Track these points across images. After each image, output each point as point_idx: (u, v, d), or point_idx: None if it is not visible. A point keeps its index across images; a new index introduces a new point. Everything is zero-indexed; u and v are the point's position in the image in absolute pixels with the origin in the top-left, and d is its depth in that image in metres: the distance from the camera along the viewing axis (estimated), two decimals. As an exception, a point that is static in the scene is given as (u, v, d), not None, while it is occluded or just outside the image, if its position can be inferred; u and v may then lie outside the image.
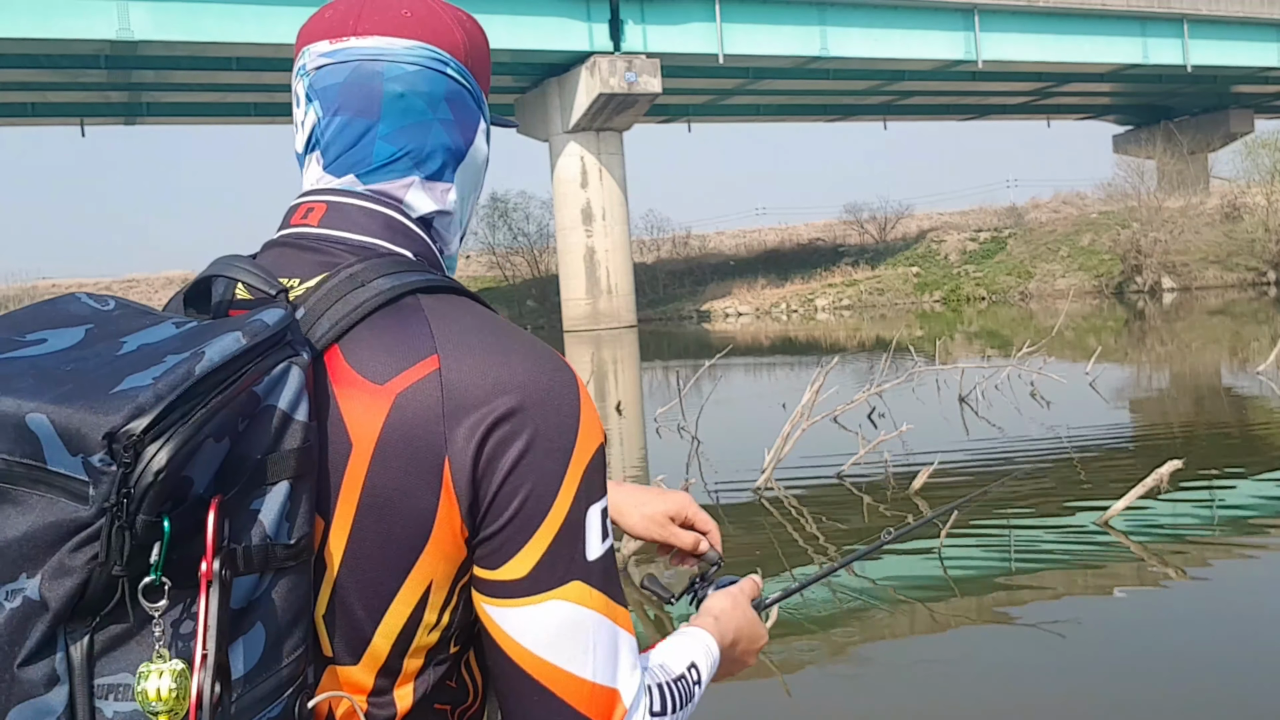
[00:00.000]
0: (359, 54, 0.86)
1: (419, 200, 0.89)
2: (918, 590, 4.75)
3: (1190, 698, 3.39)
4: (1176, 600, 4.41)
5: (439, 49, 0.87)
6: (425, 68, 0.86)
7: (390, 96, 0.85)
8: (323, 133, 0.87)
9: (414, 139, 0.87)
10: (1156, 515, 5.80)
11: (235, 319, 0.73)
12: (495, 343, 0.79)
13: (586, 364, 20.41)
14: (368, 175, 0.87)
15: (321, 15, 0.89)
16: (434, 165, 0.88)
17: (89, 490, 0.64)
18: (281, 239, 0.87)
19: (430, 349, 0.77)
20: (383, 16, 0.86)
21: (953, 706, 3.44)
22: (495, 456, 0.76)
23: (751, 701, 3.60)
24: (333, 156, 0.87)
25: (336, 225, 0.85)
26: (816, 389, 8.14)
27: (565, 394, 0.79)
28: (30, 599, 0.64)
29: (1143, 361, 15.74)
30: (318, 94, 0.87)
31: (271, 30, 26.05)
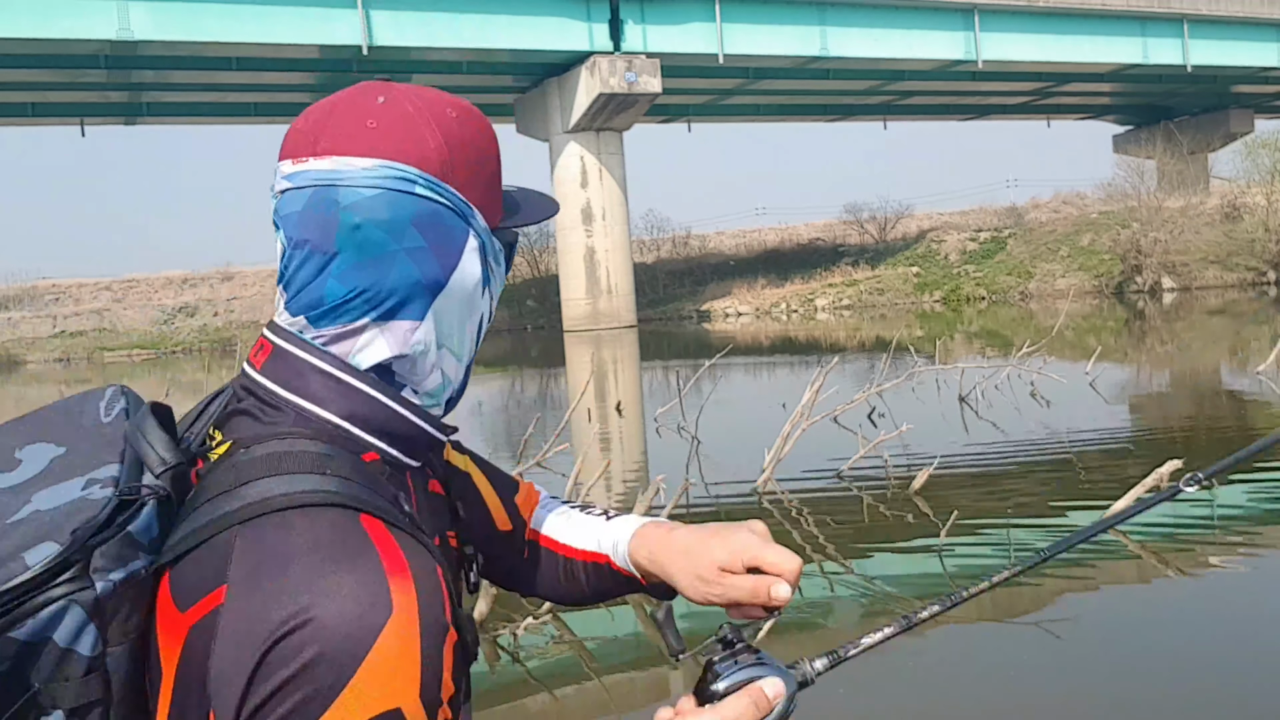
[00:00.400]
0: (315, 178, 0.77)
1: (373, 348, 0.80)
2: (918, 590, 4.76)
3: (1190, 697, 3.40)
4: (1176, 600, 4.42)
5: (404, 165, 0.78)
6: (387, 190, 0.77)
7: (346, 228, 0.76)
8: (286, 266, 0.80)
9: (371, 276, 0.77)
10: (1156, 515, 5.81)
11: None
12: (293, 581, 0.67)
13: (586, 364, 20.42)
14: (319, 320, 0.79)
15: (294, 127, 0.82)
16: (393, 302, 0.79)
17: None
18: (237, 379, 0.84)
19: (221, 580, 0.69)
20: (345, 131, 0.78)
21: (953, 706, 3.44)
22: (262, 709, 0.66)
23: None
24: (292, 293, 0.80)
25: (274, 374, 0.80)
26: (816, 389, 8.14)
27: (354, 644, 0.65)
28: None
29: (1143, 361, 15.74)
30: (282, 222, 0.80)
31: (271, 30, 26.06)
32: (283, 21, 26.13)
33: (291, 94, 34.05)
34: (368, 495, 0.73)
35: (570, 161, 31.45)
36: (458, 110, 0.83)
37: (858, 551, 5.51)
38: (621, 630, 4.53)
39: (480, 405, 15.93)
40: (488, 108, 37.47)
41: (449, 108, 0.82)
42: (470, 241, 0.82)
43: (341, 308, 0.78)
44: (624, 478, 8.48)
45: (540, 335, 34.88)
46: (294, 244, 0.78)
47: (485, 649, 4.34)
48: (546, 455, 8.11)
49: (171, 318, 41.23)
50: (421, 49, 28.54)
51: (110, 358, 37.63)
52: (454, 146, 0.80)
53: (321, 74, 31.38)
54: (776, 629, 4.08)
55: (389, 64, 30.08)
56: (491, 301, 0.88)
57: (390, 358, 0.80)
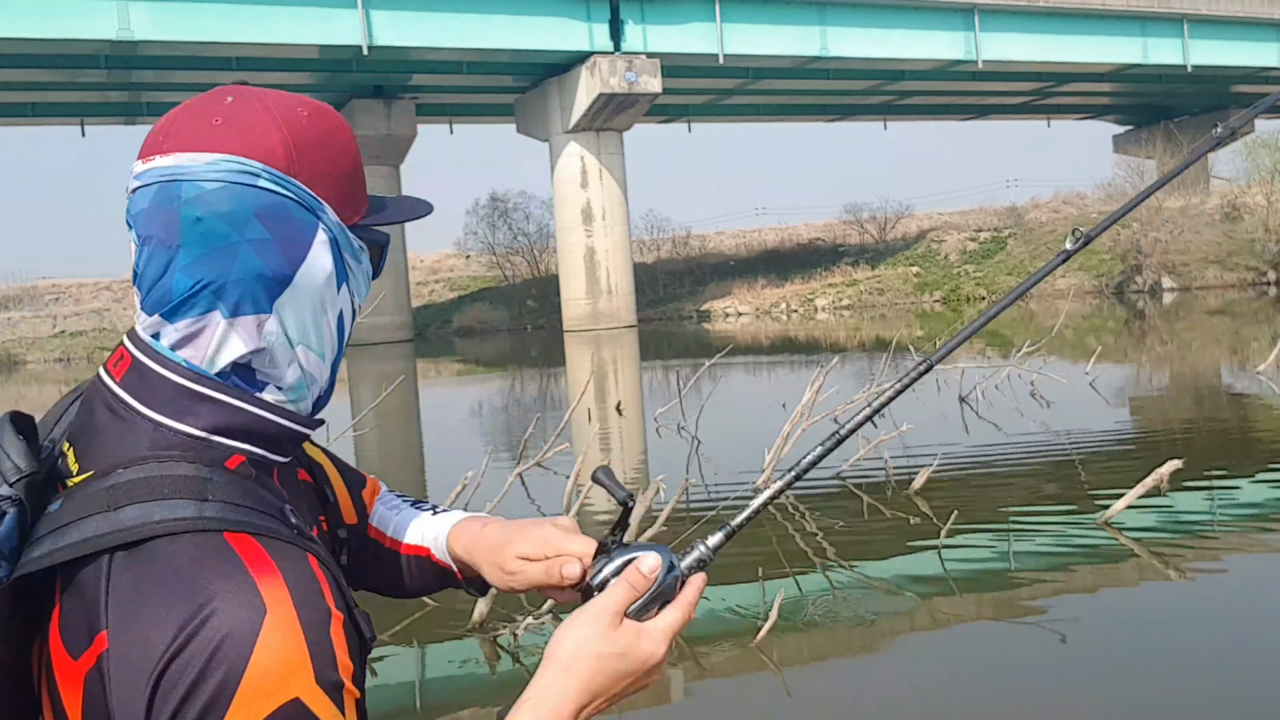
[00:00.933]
0: (160, 174, 0.78)
1: (229, 345, 0.79)
2: (918, 589, 4.76)
3: (1190, 697, 3.40)
4: (1177, 600, 4.42)
5: (247, 159, 0.78)
6: (229, 183, 0.77)
7: (188, 221, 0.77)
8: (138, 264, 0.80)
9: (215, 268, 0.77)
10: (1157, 515, 5.81)
11: None
12: (167, 608, 0.68)
13: (586, 364, 20.43)
14: (171, 314, 0.78)
15: (153, 129, 0.82)
16: (238, 294, 0.78)
17: None
18: (100, 383, 0.82)
19: (102, 624, 0.69)
20: (191, 129, 0.79)
21: (952, 706, 3.45)
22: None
23: (749, 702, 3.61)
24: (144, 291, 0.80)
25: (133, 389, 0.79)
26: (816, 389, 8.15)
27: (237, 649, 0.67)
28: None
29: (1143, 361, 15.75)
30: (132, 220, 0.80)
31: (271, 30, 26.08)
32: (283, 22, 26.15)
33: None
34: (243, 515, 0.74)
35: (570, 161, 31.46)
36: (309, 109, 0.84)
37: (857, 551, 5.52)
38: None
39: (480, 405, 15.93)
40: (488, 108, 37.52)
41: (299, 106, 0.83)
42: (320, 235, 0.81)
43: (189, 301, 0.78)
44: (624, 477, 8.49)
45: (540, 335, 34.89)
46: (142, 240, 0.79)
47: (485, 649, 4.35)
48: (546, 455, 8.12)
49: (172, 318, 41.23)
50: (421, 49, 28.56)
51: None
52: (302, 142, 0.81)
53: (322, 74, 31.39)
54: (776, 628, 4.08)
55: (389, 64, 30.11)
56: (352, 299, 0.87)
57: (247, 353, 0.80)
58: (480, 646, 4.38)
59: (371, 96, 33.15)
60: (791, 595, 4.57)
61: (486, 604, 4.51)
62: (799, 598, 4.66)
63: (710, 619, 4.56)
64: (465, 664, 4.21)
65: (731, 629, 4.34)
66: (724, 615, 4.60)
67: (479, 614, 4.51)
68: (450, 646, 4.40)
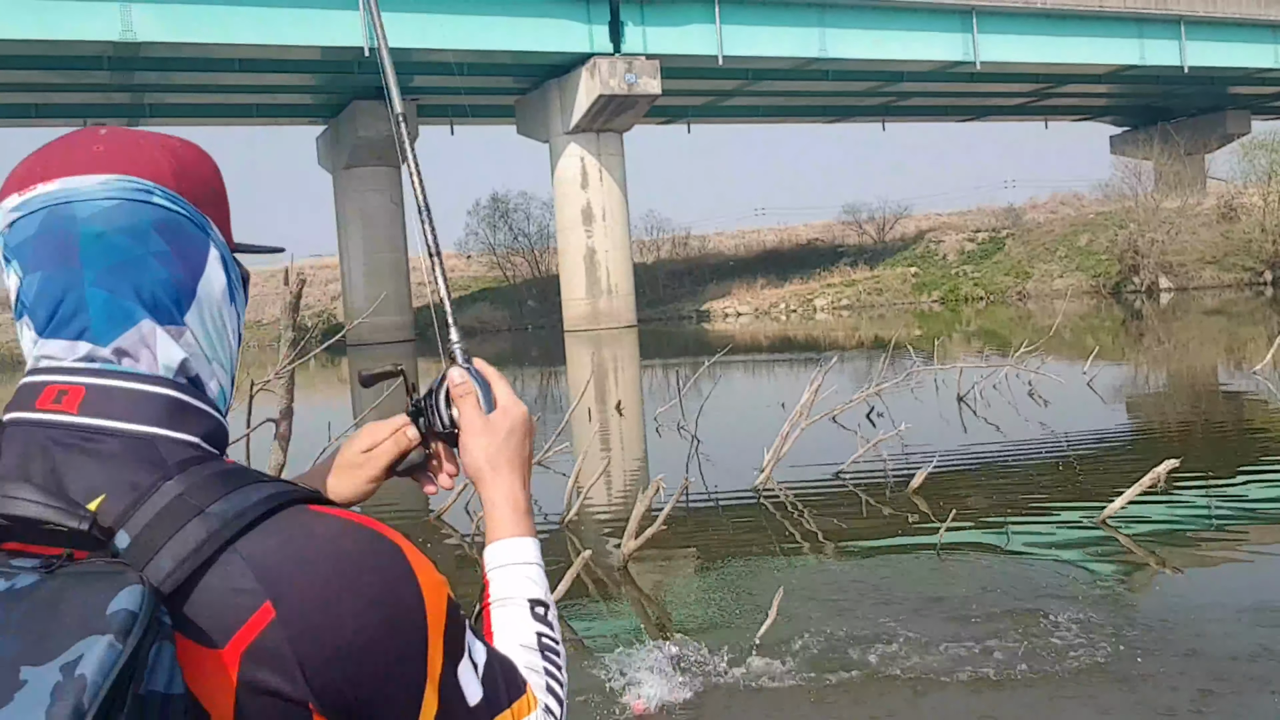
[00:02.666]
0: (46, 200, 0.75)
1: (168, 350, 0.78)
2: (917, 588, 4.82)
3: (1190, 697, 3.46)
4: (1173, 599, 4.48)
5: (138, 178, 0.77)
6: (124, 200, 0.76)
7: (88, 238, 0.75)
8: (26, 296, 0.77)
9: (125, 279, 0.76)
10: (1153, 514, 5.87)
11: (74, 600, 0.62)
12: (322, 566, 0.72)
13: (586, 364, 20.46)
14: (101, 333, 0.76)
15: (12, 174, 0.80)
16: (154, 304, 0.77)
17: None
18: (33, 427, 0.74)
19: (260, 600, 0.69)
20: (72, 157, 0.77)
21: (952, 705, 3.51)
22: (357, 678, 0.71)
23: (751, 700, 3.66)
24: (43, 319, 0.76)
25: (104, 413, 0.74)
26: (815, 389, 8.20)
27: (398, 573, 0.74)
28: None
29: (1140, 361, 15.81)
30: (14, 253, 0.77)
31: (273, 32, 26.11)
32: (285, 23, 26.19)
33: (293, 95, 34.11)
34: (294, 490, 0.77)
35: (570, 162, 31.50)
36: (178, 139, 0.85)
37: (857, 550, 5.58)
38: (622, 628, 4.59)
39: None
40: (488, 109, 37.54)
41: (170, 138, 0.84)
42: (212, 251, 0.82)
43: (115, 316, 0.76)
44: (624, 477, 8.54)
45: (541, 335, 34.91)
46: (31, 269, 0.76)
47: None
48: (547, 455, 8.17)
49: (172, 318, 41.22)
50: (423, 50, 28.58)
51: (110, 358, 37.60)
52: (184, 164, 0.81)
53: (323, 75, 31.43)
54: (775, 628, 4.14)
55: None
56: (239, 319, 0.86)
57: (185, 357, 0.79)
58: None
59: (373, 98, 33.16)
60: (791, 593, 4.63)
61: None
62: (799, 596, 4.72)
63: (710, 617, 4.63)
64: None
65: (731, 627, 4.40)
66: (724, 613, 4.66)
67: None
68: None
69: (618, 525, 6.19)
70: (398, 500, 8.05)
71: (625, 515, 5.86)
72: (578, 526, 6.59)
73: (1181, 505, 6.11)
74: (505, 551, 0.93)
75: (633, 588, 5.22)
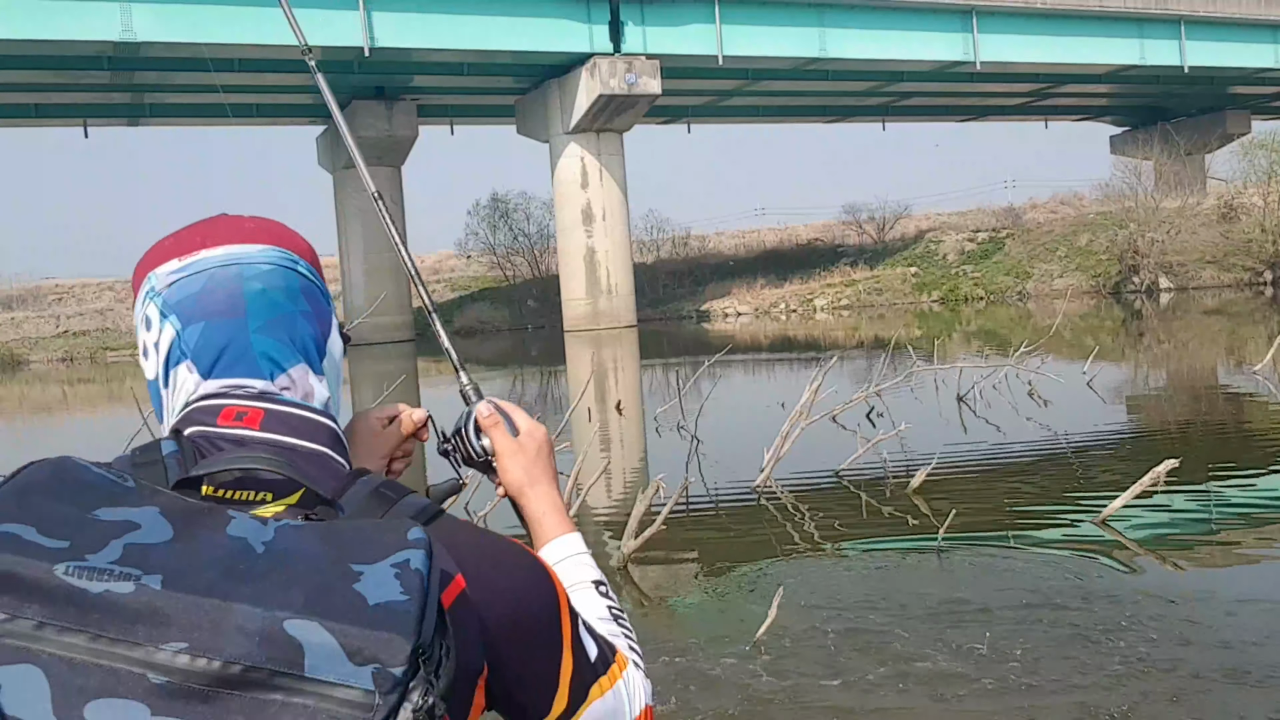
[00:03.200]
0: (212, 262, 0.89)
1: (320, 389, 0.93)
2: (916, 588, 4.82)
3: (1189, 696, 3.46)
4: (1173, 599, 4.48)
5: (287, 250, 0.93)
6: (279, 266, 0.91)
7: (252, 293, 0.89)
8: (187, 343, 0.88)
9: (285, 330, 0.90)
10: (1153, 514, 5.88)
11: (381, 530, 0.74)
12: (490, 550, 0.88)
13: (586, 364, 20.47)
14: (265, 370, 0.89)
15: (162, 245, 0.93)
16: (307, 353, 0.92)
17: (374, 699, 0.65)
18: (219, 438, 0.85)
19: (455, 569, 0.81)
20: (229, 230, 0.92)
21: (951, 705, 3.51)
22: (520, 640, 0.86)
23: (750, 699, 3.66)
24: (209, 361, 0.88)
25: (282, 431, 0.86)
26: (815, 388, 8.20)
27: (532, 560, 0.91)
28: None
29: (1140, 361, 15.81)
30: (173, 309, 0.89)
31: (273, 32, 26.10)
32: (284, 23, 26.14)
33: (293, 95, 34.09)
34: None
35: (570, 162, 31.50)
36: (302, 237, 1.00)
37: (856, 550, 5.58)
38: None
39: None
40: (489, 109, 37.56)
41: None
42: (334, 319, 0.97)
43: (277, 356, 0.90)
44: (624, 477, 8.55)
45: (541, 335, 34.92)
46: (195, 320, 0.88)
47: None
48: (548, 455, 8.16)
49: (172, 318, 41.26)
50: (423, 50, 28.60)
51: (113, 357, 37.66)
52: (310, 248, 0.97)
53: (324, 75, 31.41)
54: (778, 628, 4.15)
55: (390, 65, 30.15)
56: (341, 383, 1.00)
57: (329, 397, 0.94)
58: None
59: (373, 98, 33.19)
60: (791, 593, 4.63)
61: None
62: (799, 596, 4.72)
63: (710, 617, 4.63)
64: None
65: (731, 627, 4.40)
66: (724, 613, 4.67)
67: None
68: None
69: (618, 525, 6.20)
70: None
71: (625, 515, 5.87)
72: (577, 526, 6.58)
73: (1181, 505, 6.12)
74: (562, 547, 1.09)
75: (633, 588, 5.22)
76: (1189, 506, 6.14)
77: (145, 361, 0.93)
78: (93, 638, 0.64)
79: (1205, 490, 6.51)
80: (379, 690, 0.66)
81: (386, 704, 0.66)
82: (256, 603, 0.66)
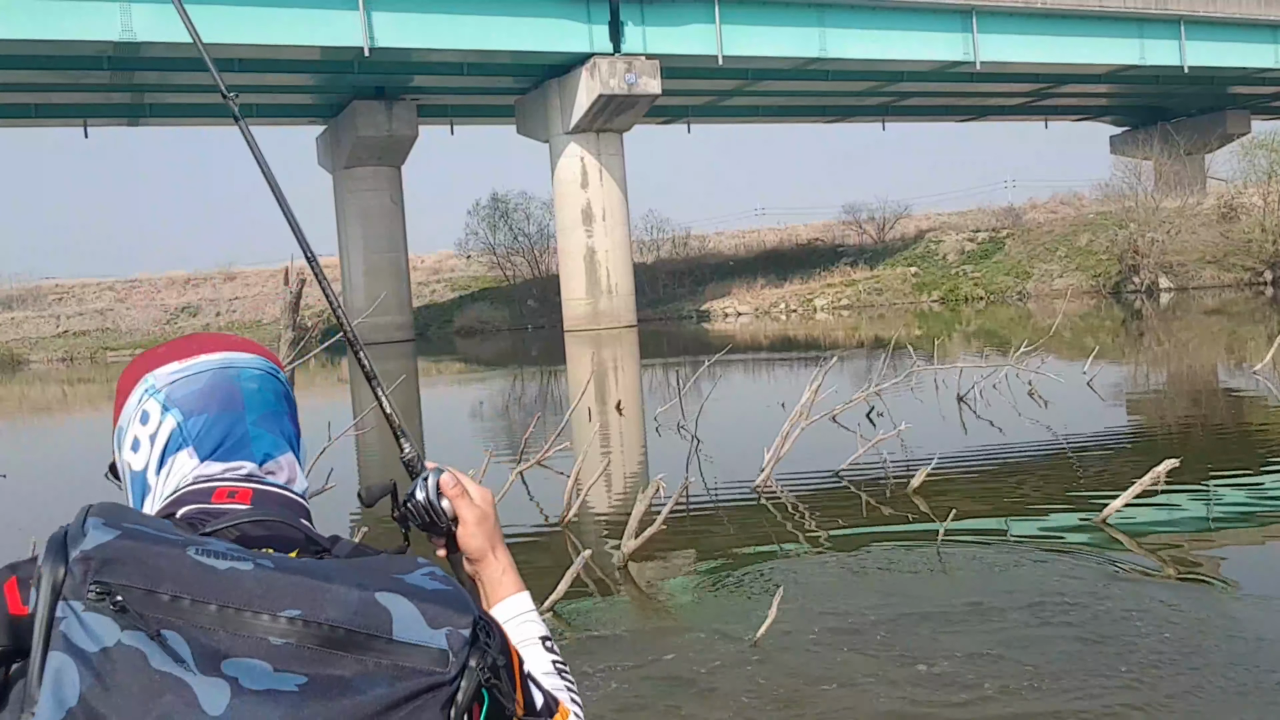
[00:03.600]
0: (213, 364, 1.04)
1: (302, 478, 1.08)
2: (916, 588, 4.82)
3: (1188, 696, 3.46)
4: (1172, 599, 4.48)
5: (270, 361, 1.09)
6: (267, 373, 1.08)
7: (249, 391, 1.05)
8: (190, 432, 1.01)
9: (275, 424, 1.06)
10: (1153, 514, 5.88)
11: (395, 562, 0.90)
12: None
13: (587, 364, 20.47)
14: (259, 457, 1.03)
15: (155, 353, 1.07)
16: (295, 446, 1.08)
17: (449, 657, 0.83)
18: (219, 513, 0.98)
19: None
20: (221, 341, 1.08)
21: (951, 705, 3.51)
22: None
23: (751, 698, 3.66)
24: (210, 448, 1.01)
25: (268, 508, 0.99)
26: (815, 388, 8.21)
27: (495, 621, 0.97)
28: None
29: (1140, 361, 15.82)
30: (176, 403, 1.02)
31: (273, 32, 26.11)
32: (285, 23, 26.18)
33: (293, 95, 34.10)
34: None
35: (571, 162, 31.50)
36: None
37: (856, 550, 5.58)
38: (622, 628, 4.59)
39: (481, 405, 15.98)
40: (489, 109, 37.54)
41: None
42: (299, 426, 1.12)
43: (269, 447, 1.04)
44: (624, 477, 8.56)
45: (541, 335, 34.92)
46: (197, 412, 1.02)
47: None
48: (547, 454, 8.18)
49: (174, 317, 41.30)
50: (423, 50, 28.59)
51: (113, 357, 37.67)
52: (280, 362, 1.13)
53: (323, 75, 31.43)
54: (777, 628, 4.15)
55: (390, 66, 30.14)
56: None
57: (307, 485, 1.08)
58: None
59: (373, 98, 33.19)
60: (791, 593, 4.63)
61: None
62: (799, 596, 4.72)
63: (710, 617, 4.63)
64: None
65: (731, 627, 4.40)
66: (724, 613, 4.67)
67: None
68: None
69: (618, 525, 6.20)
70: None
71: (625, 515, 5.87)
72: (578, 526, 6.60)
73: (1181, 505, 6.12)
74: (517, 604, 1.16)
75: (633, 587, 5.22)
76: (1189, 506, 6.14)
77: (134, 455, 1.03)
78: (220, 607, 0.79)
79: (1205, 490, 6.51)
80: (452, 649, 0.83)
81: (459, 660, 0.83)
82: (349, 583, 0.82)
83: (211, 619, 0.78)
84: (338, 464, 6.07)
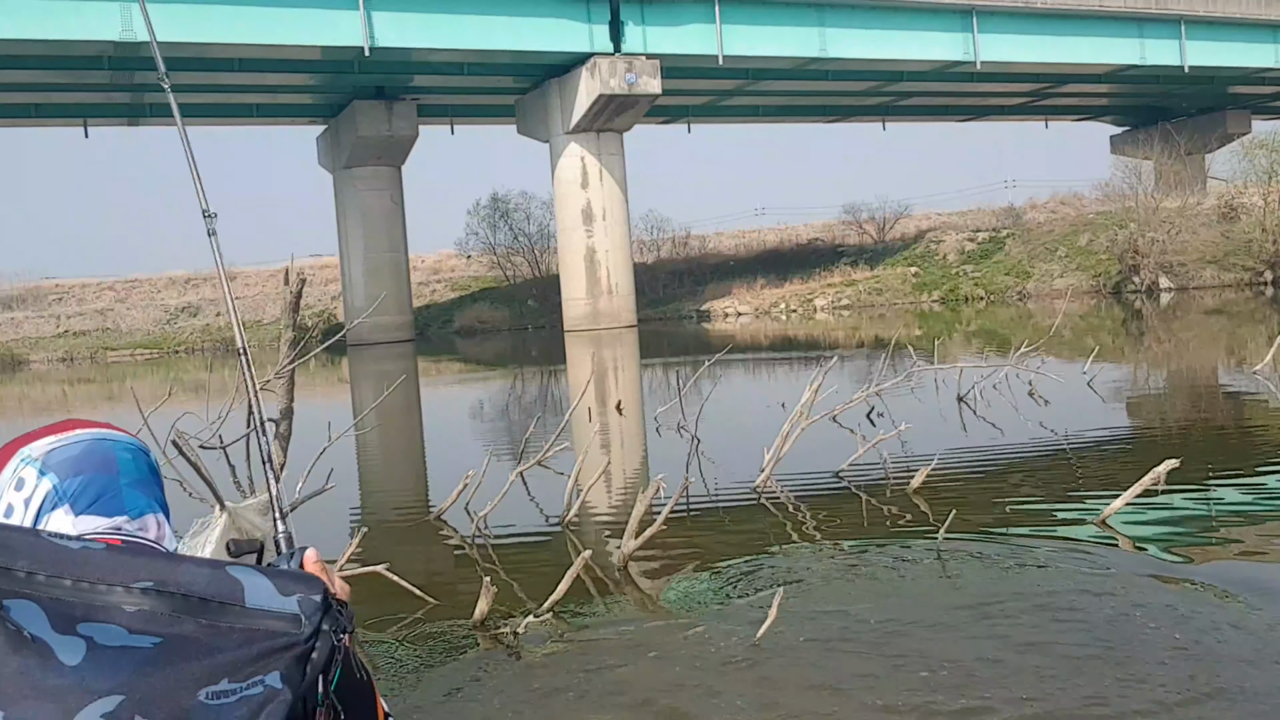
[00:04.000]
0: (87, 436, 1.12)
1: (168, 535, 1.15)
2: (916, 588, 4.82)
3: (1186, 695, 3.46)
4: (1172, 600, 4.48)
5: (139, 442, 1.18)
6: (139, 450, 1.16)
7: (124, 460, 1.13)
8: (65, 491, 1.08)
9: (146, 488, 1.14)
10: (1153, 514, 5.88)
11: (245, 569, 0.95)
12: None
13: (587, 364, 20.47)
14: (130, 513, 1.10)
15: (30, 433, 1.14)
16: (163, 508, 1.16)
17: (301, 621, 0.90)
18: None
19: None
20: (97, 423, 1.16)
21: (951, 705, 3.51)
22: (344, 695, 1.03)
23: (751, 698, 3.66)
24: (85, 505, 1.08)
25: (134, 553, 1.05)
26: (816, 388, 8.21)
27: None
28: (272, 687, 0.88)
29: (1140, 361, 15.82)
30: (52, 467, 1.08)
31: (273, 32, 26.13)
32: (285, 23, 26.19)
33: (294, 95, 34.11)
34: None
35: (571, 162, 31.50)
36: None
37: (856, 550, 5.58)
38: (622, 628, 4.59)
39: (481, 405, 15.99)
40: (489, 109, 37.55)
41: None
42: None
43: (141, 506, 1.12)
44: (624, 477, 8.55)
45: (541, 335, 34.92)
46: (73, 474, 1.08)
47: (486, 645, 4.41)
48: (547, 455, 8.18)
49: (174, 317, 41.30)
50: (423, 50, 28.60)
51: (113, 357, 37.69)
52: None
53: (323, 75, 31.44)
54: (778, 628, 4.14)
55: (390, 65, 30.15)
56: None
57: (176, 543, 1.16)
58: (481, 642, 4.44)
59: (373, 98, 33.19)
60: (791, 594, 4.63)
61: (487, 602, 4.58)
62: (799, 597, 4.72)
63: (710, 617, 4.63)
64: (467, 661, 4.26)
65: (731, 627, 4.40)
66: (724, 613, 4.66)
67: (480, 612, 4.57)
68: (451, 643, 4.46)
69: (618, 525, 6.20)
70: (398, 503, 8.06)
71: (625, 515, 5.87)
72: (578, 526, 6.60)
73: (1181, 505, 6.12)
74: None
75: (632, 587, 5.22)
76: (1189, 506, 6.14)
77: (8, 520, 1.09)
78: (75, 580, 0.85)
79: (1205, 490, 6.51)
80: (304, 612, 0.90)
81: (312, 623, 0.90)
82: (200, 564, 0.90)
83: (66, 592, 0.85)
84: (338, 464, 6.07)
